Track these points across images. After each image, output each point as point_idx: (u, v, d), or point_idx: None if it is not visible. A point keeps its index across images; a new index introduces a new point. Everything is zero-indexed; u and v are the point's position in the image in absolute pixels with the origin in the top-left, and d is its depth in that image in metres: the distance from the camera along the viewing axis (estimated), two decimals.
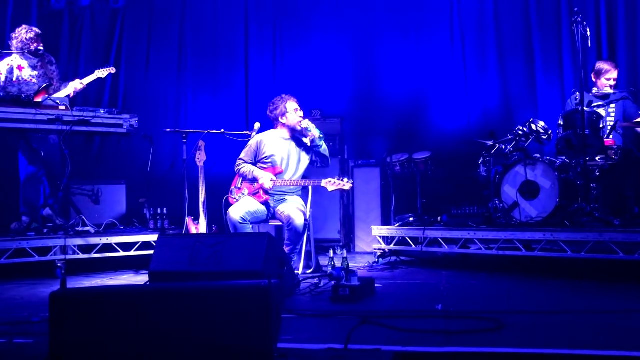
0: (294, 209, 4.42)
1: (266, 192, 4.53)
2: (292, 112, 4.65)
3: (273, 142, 4.69)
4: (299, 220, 4.34)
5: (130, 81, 7.14)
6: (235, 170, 4.72)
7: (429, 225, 4.99)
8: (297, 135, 4.74)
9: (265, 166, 4.64)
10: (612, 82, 5.07)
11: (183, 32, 7.34)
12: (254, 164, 4.67)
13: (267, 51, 7.36)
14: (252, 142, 4.75)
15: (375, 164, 6.39)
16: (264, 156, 4.66)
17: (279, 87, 7.27)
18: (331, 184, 4.41)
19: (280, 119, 4.68)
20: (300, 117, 4.67)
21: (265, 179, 4.51)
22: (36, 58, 5.14)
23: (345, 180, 4.43)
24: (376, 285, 3.75)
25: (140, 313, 1.92)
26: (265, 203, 4.56)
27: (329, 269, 4.08)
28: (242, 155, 4.74)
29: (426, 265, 5.02)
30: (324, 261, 4.84)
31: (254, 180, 4.57)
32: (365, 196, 6.34)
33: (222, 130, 5.03)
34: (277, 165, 4.61)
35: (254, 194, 4.56)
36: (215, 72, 7.34)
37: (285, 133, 4.70)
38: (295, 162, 4.67)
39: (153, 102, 7.09)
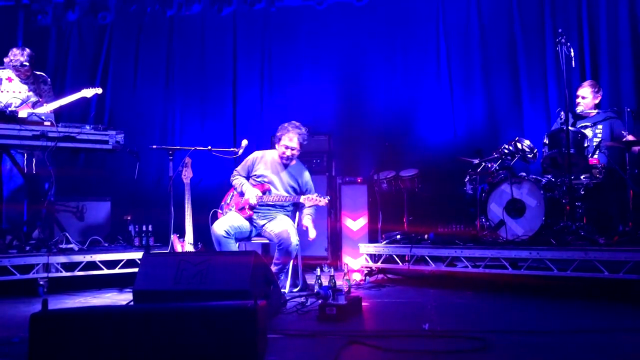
0: (287, 229, 4.39)
1: (251, 207, 4.52)
2: (281, 146, 4.64)
3: (266, 163, 4.70)
4: (291, 241, 4.31)
5: (117, 97, 7.11)
6: (230, 180, 4.77)
7: (416, 242, 4.99)
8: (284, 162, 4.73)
9: (254, 183, 4.64)
10: (579, 99, 5.14)
11: (171, 49, 7.34)
12: (247, 178, 4.68)
13: (255, 69, 7.38)
14: (250, 157, 4.79)
15: (363, 181, 6.39)
16: (255, 173, 4.69)
17: (267, 104, 7.30)
18: (309, 200, 4.40)
19: (276, 143, 4.70)
20: (284, 153, 4.63)
21: (251, 194, 4.51)
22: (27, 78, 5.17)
23: (322, 197, 4.41)
24: (363, 304, 3.73)
25: (123, 335, 1.89)
26: (249, 219, 4.54)
27: (316, 288, 4.05)
28: (238, 168, 4.80)
29: (413, 283, 5.00)
30: (311, 279, 4.81)
31: (242, 194, 4.57)
32: (352, 213, 6.33)
33: (209, 147, 5.01)
34: (265, 183, 4.61)
35: (240, 209, 4.55)
36: (202, 89, 7.34)
37: (278, 156, 4.70)
38: (282, 186, 4.66)
39: (140, 119, 7.07)
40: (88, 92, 5.37)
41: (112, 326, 1.93)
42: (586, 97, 5.13)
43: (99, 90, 5.47)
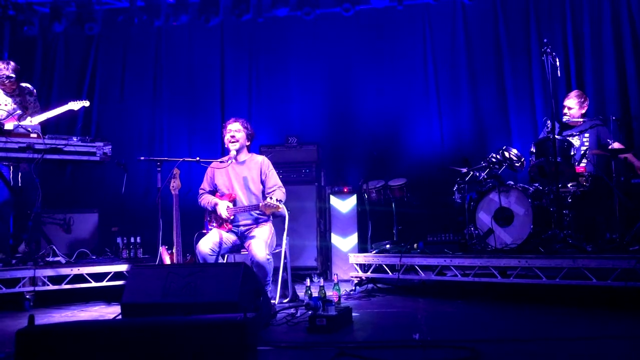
0: (256, 243, 4.25)
1: (229, 220, 4.46)
2: (226, 135, 4.59)
3: (219, 171, 4.64)
4: (260, 255, 4.16)
5: (104, 109, 7.09)
6: (199, 202, 4.66)
7: (406, 252, 5.00)
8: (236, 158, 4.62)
9: (220, 195, 4.59)
10: (566, 110, 5.20)
11: (159, 60, 7.34)
12: (215, 192, 4.64)
13: (242, 80, 7.38)
14: (209, 170, 4.69)
15: (352, 190, 6.41)
16: (215, 185, 4.64)
17: (255, 114, 7.30)
18: (268, 207, 4.19)
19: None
20: (229, 140, 4.58)
21: (222, 207, 4.44)
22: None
23: (279, 203, 4.19)
24: (353, 314, 3.72)
25: (110, 351, 1.86)
26: (233, 232, 4.50)
27: (306, 299, 4.03)
28: (202, 185, 4.70)
29: (403, 293, 5.00)
30: (300, 290, 4.79)
31: (214, 209, 4.53)
32: (341, 223, 6.33)
33: (198, 159, 4.99)
34: (231, 192, 4.56)
35: (220, 225, 4.50)
36: (190, 99, 7.33)
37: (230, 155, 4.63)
38: (241, 185, 4.56)
39: (127, 130, 7.04)
40: (75, 105, 5.33)
41: (99, 342, 1.91)
42: (572, 107, 5.18)
43: (86, 103, 5.44)
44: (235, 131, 4.57)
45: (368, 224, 5.88)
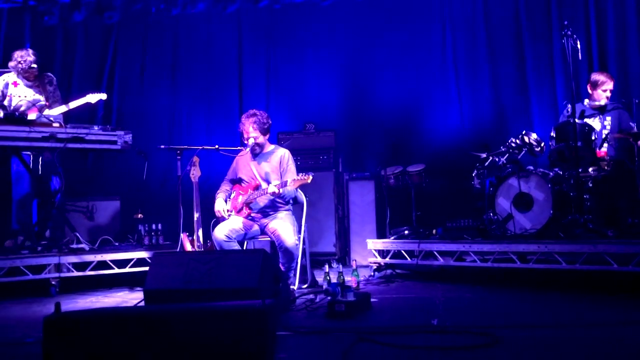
0: (284, 229, 4.33)
1: (248, 206, 4.51)
2: (246, 140, 4.61)
3: (240, 163, 4.71)
4: (289, 241, 4.26)
5: (124, 97, 7.15)
6: None
7: (424, 238, 4.99)
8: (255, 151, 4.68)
9: (243, 185, 4.65)
10: (609, 94, 5.09)
11: (177, 48, 7.37)
12: (239, 181, 4.70)
13: (260, 67, 7.38)
14: (235, 159, 4.79)
15: (370, 176, 6.40)
16: (237, 178, 4.71)
17: (273, 101, 7.31)
18: (294, 182, 4.20)
19: None
20: (245, 138, 4.61)
21: (217, 205, 4.60)
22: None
23: (307, 175, 4.18)
24: (372, 299, 3.74)
25: (134, 336, 1.91)
26: (252, 219, 4.54)
27: (325, 284, 4.06)
28: (228, 172, 4.81)
29: (422, 278, 5.01)
30: (319, 275, 4.82)
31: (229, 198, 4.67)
32: (360, 209, 6.34)
33: (217, 147, 5.02)
34: (253, 182, 4.60)
35: (239, 211, 4.54)
36: (209, 87, 7.36)
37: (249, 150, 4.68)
38: (262, 177, 4.59)
39: (147, 119, 7.10)
40: (92, 98, 5.36)
41: (125, 328, 1.96)
42: (612, 90, 5.09)
43: (104, 96, 5.47)
44: (254, 138, 4.60)
45: (386, 210, 5.87)
